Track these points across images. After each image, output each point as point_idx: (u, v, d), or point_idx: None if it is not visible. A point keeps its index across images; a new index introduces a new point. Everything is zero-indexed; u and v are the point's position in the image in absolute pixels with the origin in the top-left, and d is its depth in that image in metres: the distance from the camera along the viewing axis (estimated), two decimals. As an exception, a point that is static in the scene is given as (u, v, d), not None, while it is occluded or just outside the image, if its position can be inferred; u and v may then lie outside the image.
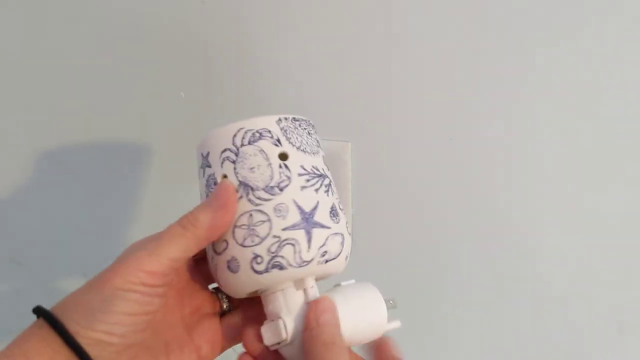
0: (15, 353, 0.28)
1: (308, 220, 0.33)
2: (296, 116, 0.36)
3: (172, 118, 0.55)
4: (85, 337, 0.29)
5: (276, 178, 0.34)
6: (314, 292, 0.35)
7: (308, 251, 0.33)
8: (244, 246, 0.33)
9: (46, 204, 0.64)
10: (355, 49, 0.48)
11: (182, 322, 0.36)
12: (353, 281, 0.36)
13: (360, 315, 0.34)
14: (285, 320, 0.33)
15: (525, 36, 0.44)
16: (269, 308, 0.35)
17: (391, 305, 0.35)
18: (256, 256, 0.33)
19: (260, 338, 0.34)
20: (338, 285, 0.36)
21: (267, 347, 0.34)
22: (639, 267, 0.47)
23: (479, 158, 0.48)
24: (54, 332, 0.29)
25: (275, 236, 0.33)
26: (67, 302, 0.30)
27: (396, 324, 0.35)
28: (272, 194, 0.33)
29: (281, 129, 0.35)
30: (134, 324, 0.30)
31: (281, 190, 0.33)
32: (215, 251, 0.35)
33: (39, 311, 0.30)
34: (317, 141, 0.37)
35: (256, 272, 0.33)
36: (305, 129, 0.36)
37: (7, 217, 0.66)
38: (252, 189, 0.34)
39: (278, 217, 0.33)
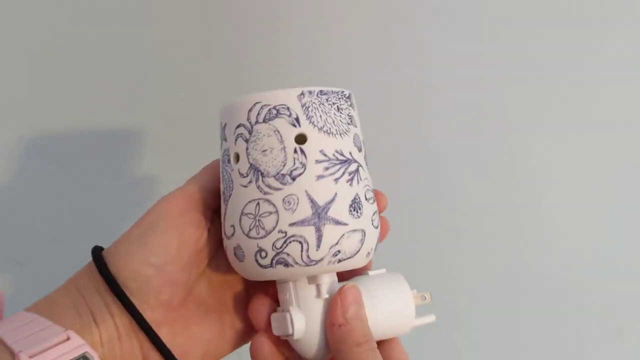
0: (69, 288, 0.31)
1: (320, 216, 0.29)
2: (325, 88, 0.31)
3: (172, 118, 0.55)
4: (125, 270, 0.30)
5: (289, 165, 0.30)
6: (327, 288, 0.32)
7: (317, 250, 0.30)
8: (249, 237, 0.30)
9: (46, 203, 0.64)
10: (355, 48, 0.48)
11: (243, 284, 0.35)
12: (383, 270, 0.34)
13: (386, 309, 0.32)
14: (292, 315, 0.31)
15: (525, 35, 0.44)
16: (280, 296, 0.33)
17: (424, 299, 0.33)
18: (260, 250, 0.30)
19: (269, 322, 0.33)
20: (365, 274, 0.33)
21: None
22: (639, 269, 0.47)
23: (480, 158, 0.48)
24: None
25: (281, 231, 0.30)
26: (117, 240, 0.32)
27: (429, 319, 0.33)
28: (283, 183, 0.30)
29: (302, 106, 0.30)
30: (171, 256, 0.30)
31: (293, 179, 0.30)
32: (225, 233, 0.33)
33: (93, 249, 0.32)
34: (350, 117, 0.32)
35: (260, 265, 0.30)
36: (334, 104, 0.31)
37: (8, 217, 0.66)
38: (262, 174, 0.30)
39: (287, 209, 0.29)
